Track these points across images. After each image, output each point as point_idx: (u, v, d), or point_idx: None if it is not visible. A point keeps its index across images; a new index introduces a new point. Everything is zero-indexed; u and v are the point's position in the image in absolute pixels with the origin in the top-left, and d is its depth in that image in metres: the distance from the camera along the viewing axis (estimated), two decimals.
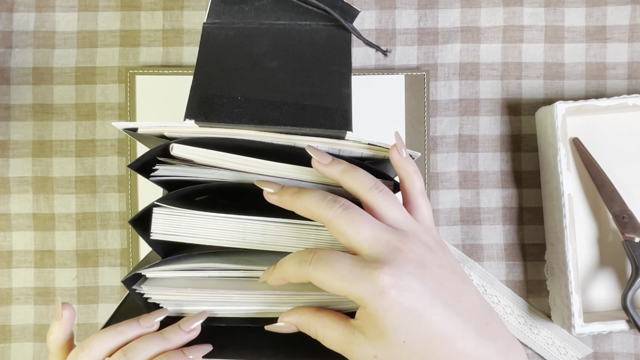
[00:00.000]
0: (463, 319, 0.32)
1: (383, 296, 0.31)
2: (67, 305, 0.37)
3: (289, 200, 0.34)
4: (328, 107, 0.37)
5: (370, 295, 0.31)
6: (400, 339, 0.31)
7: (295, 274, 0.33)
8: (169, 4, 0.61)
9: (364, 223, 0.33)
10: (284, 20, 0.40)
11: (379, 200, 0.34)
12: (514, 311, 0.59)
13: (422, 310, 0.31)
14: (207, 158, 0.36)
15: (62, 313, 0.37)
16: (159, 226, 0.36)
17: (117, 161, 0.60)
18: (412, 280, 0.31)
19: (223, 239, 0.36)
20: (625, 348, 0.59)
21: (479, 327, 0.32)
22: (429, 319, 0.31)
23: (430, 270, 0.32)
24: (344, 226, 0.32)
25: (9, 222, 0.60)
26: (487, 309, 0.34)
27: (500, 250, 0.60)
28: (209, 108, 0.36)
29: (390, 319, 0.31)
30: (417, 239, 0.33)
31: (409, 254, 0.32)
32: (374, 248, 0.32)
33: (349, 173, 0.35)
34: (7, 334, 0.60)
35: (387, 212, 0.34)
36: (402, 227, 0.34)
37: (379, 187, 0.34)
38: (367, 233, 0.32)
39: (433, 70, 0.61)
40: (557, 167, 0.54)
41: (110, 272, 0.60)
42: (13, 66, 0.60)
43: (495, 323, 0.33)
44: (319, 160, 0.35)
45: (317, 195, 0.34)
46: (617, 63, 0.61)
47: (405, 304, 0.31)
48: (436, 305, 0.31)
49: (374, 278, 0.31)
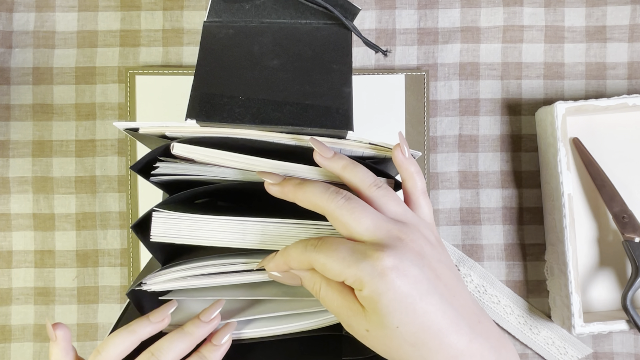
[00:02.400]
0: (457, 313, 0.32)
1: (382, 277, 0.31)
2: (59, 325, 0.37)
3: (291, 191, 0.34)
4: (329, 106, 0.37)
5: (369, 275, 0.31)
6: (394, 324, 0.31)
7: (299, 259, 0.34)
8: (169, 4, 0.61)
9: (365, 213, 0.33)
10: (285, 19, 0.40)
11: (378, 195, 0.34)
12: (514, 311, 0.59)
13: (419, 298, 0.31)
14: (208, 157, 0.36)
15: (55, 335, 0.37)
16: (159, 229, 0.36)
17: (117, 161, 0.60)
18: (411, 266, 0.31)
19: (223, 240, 0.36)
20: (625, 348, 0.59)
21: (472, 323, 0.32)
22: (425, 307, 0.31)
23: (429, 262, 0.33)
24: (346, 217, 0.33)
25: (9, 222, 0.60)
26: (479, 309, 0.34)
27: (500, 250, 0.60)
28: (210, 108, 0.36)
29: (385, 303, 0.31)
30: (418, 232, 0.34)
31: (410, 243, 0.33)
32: (374, 236, 0.32)
33: (350, 169, 0.35)
34: (7, 334, 0.59)
35: (386, 206, 0.34)
36: (402, 220, 0.34)
37: (379, 183, 0.35)
38: (368, 222, 0.33)
39: (433, 70, 0.61)
40: (557, 167, 0.55)
41: (110, 272, 0.60)
42: (13, 66, 0.60)
43: (487, 322, 0.34)
44: (321, 153, 0.35)
45: (319, 186, 0.34)
46: (617, 63, 0.61)
47: (402, 289, 0.31)
48: (433, 295, 0.31)
49: (375, 259, 0.31)
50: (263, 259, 0.36)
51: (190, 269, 0.37)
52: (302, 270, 0.35)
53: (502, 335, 0.34)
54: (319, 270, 0.33)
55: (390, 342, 0.32)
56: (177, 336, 0.36)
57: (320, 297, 0.34)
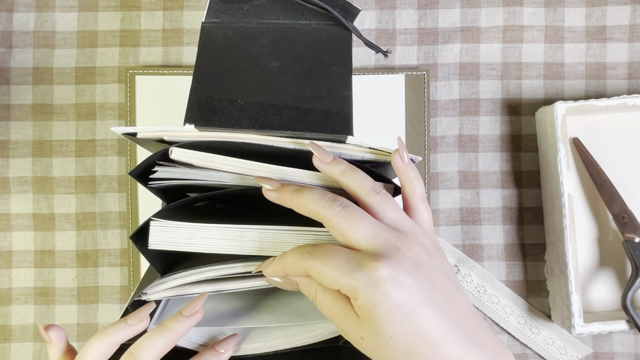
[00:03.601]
0: (453, 324, 0.32)
1: (376, 288, 0.30)
2: (51, 326, 0.37)
3: (288, 197, 0.34)
4: (329, 110, 0.36)
5: (363, 285, 0.31)
6: (388, 334, 0.31)
7: (296, 266, 0.33)
8: (169, 4, 0.61)
9: (362, 221, 0.33)
10: (284, 19, 0.40)
11: (376, 201, 0.34)
12: (514, 311, 0.59)
13: (413, 309, 0.31)
14: (207, 162, 0.35)
15: (49, 337, 0.36)
16: (157, 238, 0.36)
17: (117, 161, 0.60)
18: (407, 277, 0.31)
19: (221, 247, 0.36)
20: (625, 348, 0.59)
21: (468, 333, 0.32)
22: (419, 318, 0.31)
23: (426, 271, 0.32)
24: (342, 224, 0.33)
25: (9, 222, 0.60)
26: (477, 318, 0.34)
27: (500, 250, 0.60)
28: (208, 112, 0.36)
29: (379, 313, 0.31)
30: (415, 240, 0.34)
31: (407, 252, 0.32)
32: (371, 245, 0.32)
33: (348, 174, 0.35)
34: (7, 334, 0.60)
35: (384, 213, 0.34)
36: (400, 227, 0.34)
37: (377, 189, 0.34)
38: (365, 230, 0.32)
39: (433, 70, 0.61)
40: (557, 167, 0.54)
41: (110, 272, 0.60)
42: (13, 66, 0.60)
43: (484, 331, 0.33)
44: (320, 158, 0.35)
45: (317, 193, 0.34)
46: (617, 63, 0.61)
47: (396, 300, 0.31)
48: (428, 306, 0.31)
49: (370, 269, 0.31)
50: (261, 263, 0.36)
51: (188, 276, 0.37)
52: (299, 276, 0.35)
53: (501, 345, 0.34)
54: (314, 278, 0.33)
55: (385, 351, 0.32)
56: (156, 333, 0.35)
57: (316, 303, 0.34)
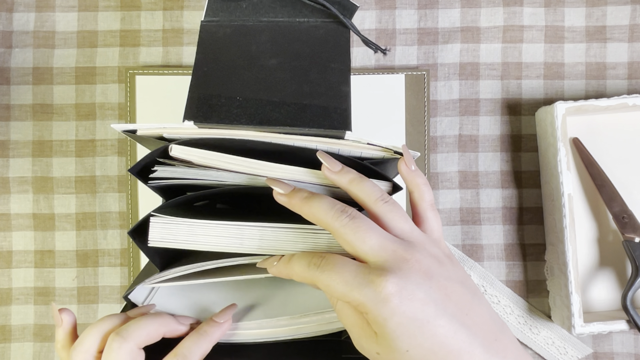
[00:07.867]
0: (470, 332, 0.31)
1: (385, 304, 0.30)
2: (64, 310, 0.37)
3: (298, 204, 0.34)
4: (327, 106, 0.36)
5: (372, 302, 0.31)
6: (403, 347, 0.31)
7: (302, 275, 0.33)
8: (169, 4, 0.61)
9: (370, 232, 0.32)
10: (282, 17, 0.40)
11: (384, 210, 0.34)
12: (514, 311, 0.59)
13: (426, 320, 0.30)
14: (207, 159, 0.36)
15: (61, 319, 0.37)
16: (157, 234, 0.36)
17: (117, 161, 0.60)
18: (416, 290, 0.31)
19: (221, 245, 0.36)
20: (625, 348, 0.59)
21: (487, 342, 0.32)
22: (434, 330, 0.31)
23: (436, 282, 0.32)
24: (350, 235, 0.32)
25: (9, 222, 0.60)
26: (497, 324, 0.33)
27: (500, 250, 0.60)
28: (207, 109, 0.36)
29: (392, 328, 0.30)
30: (424, 250, 0.33)
31: (415, 264, 0.32)
32: (379, 257, 0.32)
33: (357, 183, 0.35)
34: (7, 334, 0.60)
35: (393, 223, 0.34)
36: (408, 238, 0.34)
37: (385, 198, 0.34)
38: (372, 242, 0.32)
39: (433, 70, 0.61)
40: (557, 167, 0.54)
41: (110, 272, 0.60)
42: (13, 66, 0.60)
43: (505, 339, 0.33)
44: (329, 167, 0.35)
45: (326, 203, 0.34)
46: (617, 63, 0.61)
47: (407, 313, 0.30)
48: (441, 317, 0.31)
49: (377, 285, 0.31)
50: (265, 259, 0.36)
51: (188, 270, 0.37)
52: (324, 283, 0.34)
53: (522, 352, 0.33)
54: (322, 290, 0.33)
55: None
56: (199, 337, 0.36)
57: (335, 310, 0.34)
